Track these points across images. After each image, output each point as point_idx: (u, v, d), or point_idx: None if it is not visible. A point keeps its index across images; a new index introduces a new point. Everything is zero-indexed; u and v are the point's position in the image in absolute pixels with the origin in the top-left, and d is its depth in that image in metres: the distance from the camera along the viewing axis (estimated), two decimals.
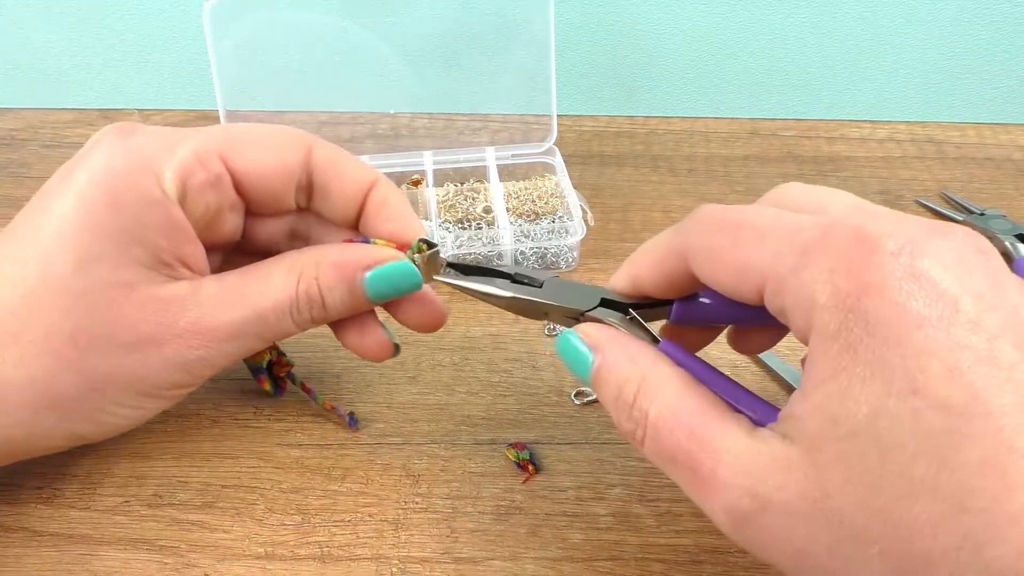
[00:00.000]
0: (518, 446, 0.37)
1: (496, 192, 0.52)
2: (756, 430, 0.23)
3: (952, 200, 0.56)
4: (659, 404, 0.25)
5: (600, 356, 0.28)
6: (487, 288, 0.32)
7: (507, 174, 0.55)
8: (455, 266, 0.33)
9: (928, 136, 0.64)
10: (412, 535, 0.34)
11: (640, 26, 0.63)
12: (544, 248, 0.48)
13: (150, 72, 0.65)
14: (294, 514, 0.35)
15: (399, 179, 0.54)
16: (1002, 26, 0.62)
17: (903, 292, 0.21)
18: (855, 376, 0.21)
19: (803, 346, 0.23)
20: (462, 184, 0.54)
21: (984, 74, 0.64)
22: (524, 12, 0.53)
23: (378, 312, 0.36)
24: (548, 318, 0.32)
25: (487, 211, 0.51)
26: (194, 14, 0.61)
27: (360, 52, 0.55)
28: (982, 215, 0.54)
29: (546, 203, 0.52)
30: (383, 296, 0.33)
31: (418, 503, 0.35)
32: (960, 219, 0.54)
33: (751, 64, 0.64)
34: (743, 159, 0.61)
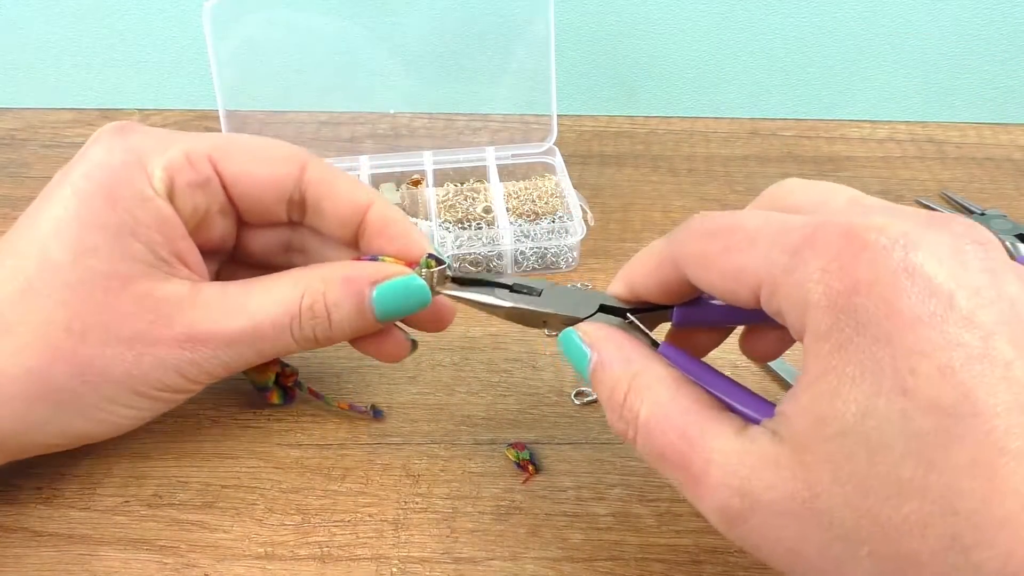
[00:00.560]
0: (518, 446, 0.37)
1: (496, 192, 0.52)
2: (746, 429, 0.23)
3: (952, 200, 0.56)
4: (650, 404, 0.25)
5: (596, 354, 0.28)
6: (487, 299, 0.32)
7: (507, 174, 0.55)
8: (454, 279, 0.34)
9: (928, 136, 0.64)
10: (412, 535, 0.34)
11: (640, 26, 0.63)
12: (544, 248, 0.48)
13: (150, 72, 0.65)
14: (294, 514, 0.35)
15: (399, 179, 0.54)
16: (1002, 26, 0.62)
17: (895, 289, 0.20)
18: (844, 376, 0.21)
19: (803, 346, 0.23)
20: (462, 184, 0.54)
21: (984, 74, 0.64)
22: (524, 12, 0.53)
23: None
24: (547, 326, 0.32)
25: (487, 211, 0.51)
26: (194, 14, 0.61)
27: (360, 52, 0.55)
28: (982, 215, 0.54)
29: (546, 203, 0.52)
30: (390, 314, 0.33)
31: (418, 503, 0.35)
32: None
33: (751, 64, 0.64)
34: (743, 159, 0.61)
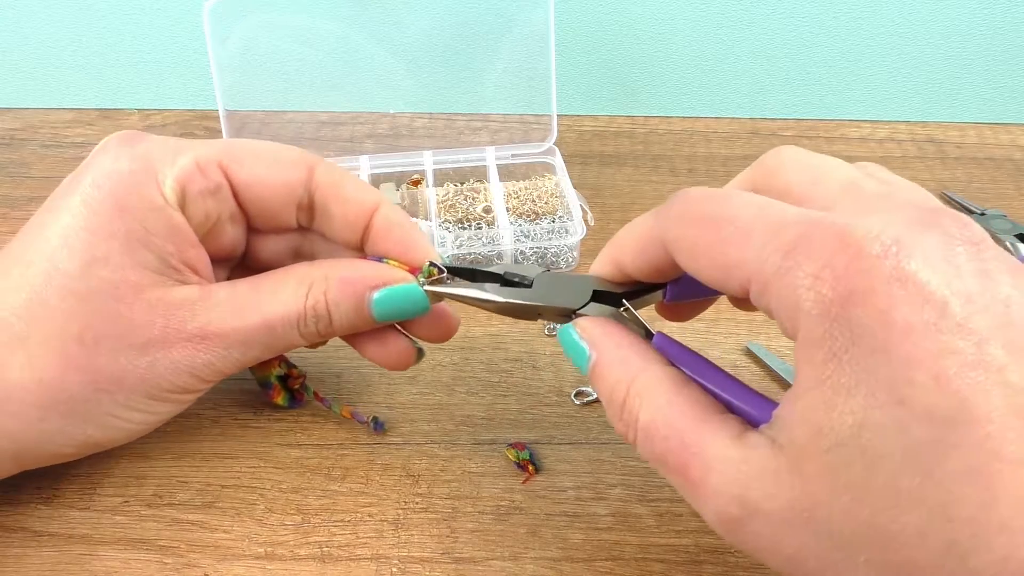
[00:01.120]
0: (518, 446, 0.37)
1: (496, 192, 0.52)
2: (746, 435, 0.23)
3: (952, 200, 0.56)
4: (649, 408, 0.25)
5: (595, 354, 0.28)
6: (478, 294, 0.32)
7: (507, 174, 0.55)
8: (448, 269, 0.33)
9: (928, 136, 0.64)
10: (412, 535, 0.34)
11: (640, 26, 0.63)
12: (544, 248, 0.48)
13: (150, 72, 0.65)
14: (294, 514, 0.35)
15: (399, 179, 0.54)
16: (1002, 26, 0.62)
17: (889, 298, 0.20)
18: (840, 386, 0.21)
19: None
20: (462, 184, 0.54)
21: (984, 74, 0.64)
22: (524, 12, 0.53)
23: None
24: (542, 318, 0.32)
25: (487, 211, 0.51)
26: (194, 14, 0.61)
27: (360, 52, 0.55)
28: (982, 215, 0.54)
29: (546, 203, 0.52)
30: (388, 318, 0.34)
31: (418, 503, 0.35)
32: None
33: (751, 64, 0.64)
34: (743, 159, 0.61)
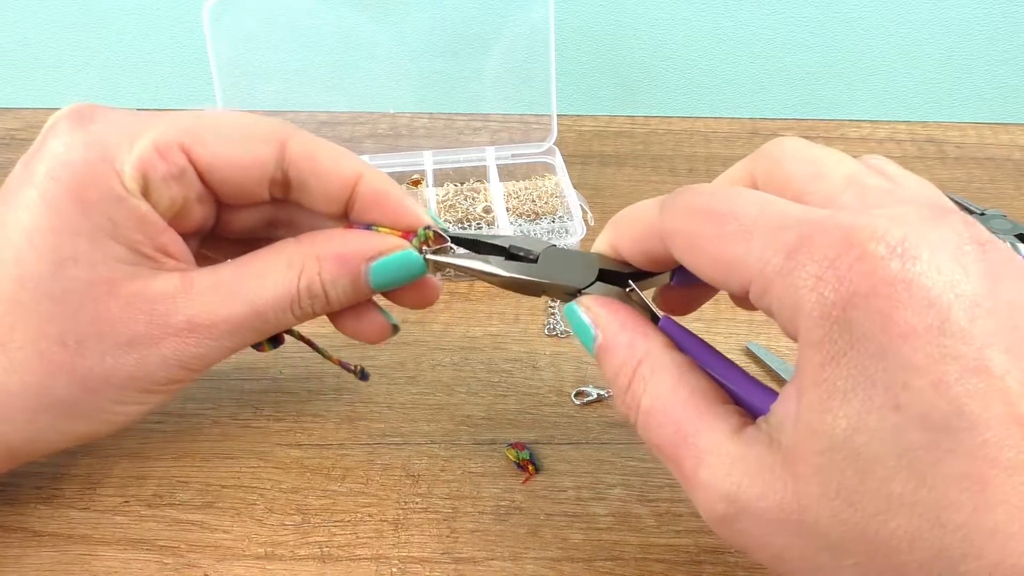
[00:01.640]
0: (518, 446, 0.37)
1: (496, 192, 0.52)
2: (743, 430, 0.23)
3: (952, 200, 0.56)
4: (651, 394, 0.25)
5: (601, 334, 0.27)
6: (482, 267, 0.31)
7: (507, 174, 0.55)
8: (448, 245, 0.32)
9: (928, 136, 0.64)
10: (412, 535, 0.34)
11: (640, 26, 0.63)
12: None
13: (150, 72, 0.65)
14: (294, 514, 0.35)
15: (399, 179, 0.54)
16: (1002, 26, 0.62)
17: (891, 301, 0.20)
18: (836, 389, 0.20)
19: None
20: (462, 184, 0.54)
21: (984, 74, 0.64)
22: (524, 12, 0.53)
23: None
24: (546, 295, 0.31)
25: (487, 211, 0.51)
26: (194, 14, 0.61)
27: (360, 52, 0.55)
28: (982, 215, 0.54)
29: (546, 203, 0.52)
30: (387, 286, 0.33)
31: (418, 503, 0.35)
32: None
33: (751, 64, 0.64)
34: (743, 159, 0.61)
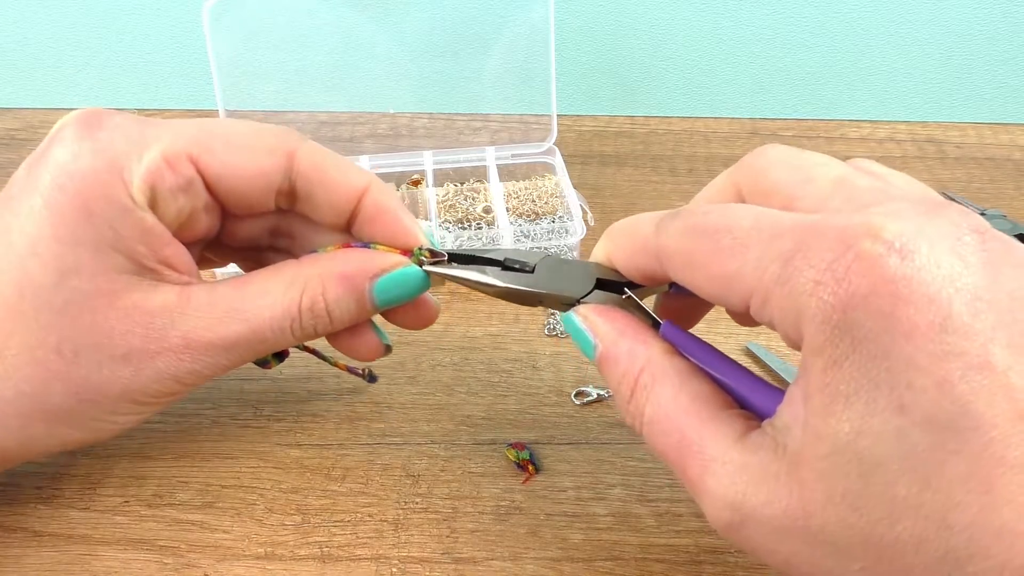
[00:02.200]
0: (518, 446, 0.37)
1: (496, 192, 0.52)
2: (748, 436, 0.23)
3: (952, 200, 0.56)
4: (653, 403, 0.25)
5: (601, 345, 0.27)
6: (479, 277, 0.31)
7: (507, 174, 0.55)
8: (445, 259, 0.32)
9: (928, 136, 0.64)
10: (412, 535, 0.34)
11: (640, 26, 0.63)
12: (544, 248, 0.48)
13: (150, 72, 0.65)
14: (294, 514, 0.35)
15: (399, 179, 0.54)
16: (1002, 26, 0.62)
17: (891, 300, 0.19)
18: (839, 393, 0.20)
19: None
20: (462, 184, 0.54)
21: (984, 74, 0.64)
22: (524, 12, 0.53)
23: None
24: (543, 305, 0.31)
25: (487, 211, 0.51)
26: (194, 14, 0.61)
27: (360, 52, 0.55)
28: (982, 215, 0.54)
29: (546, 203, 0.52)
30: (390, 303, 0.33)
31: (418, 503, 0.35)
32: None
33: (751, 64, 0.64)
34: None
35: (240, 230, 0.34)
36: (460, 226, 0.50)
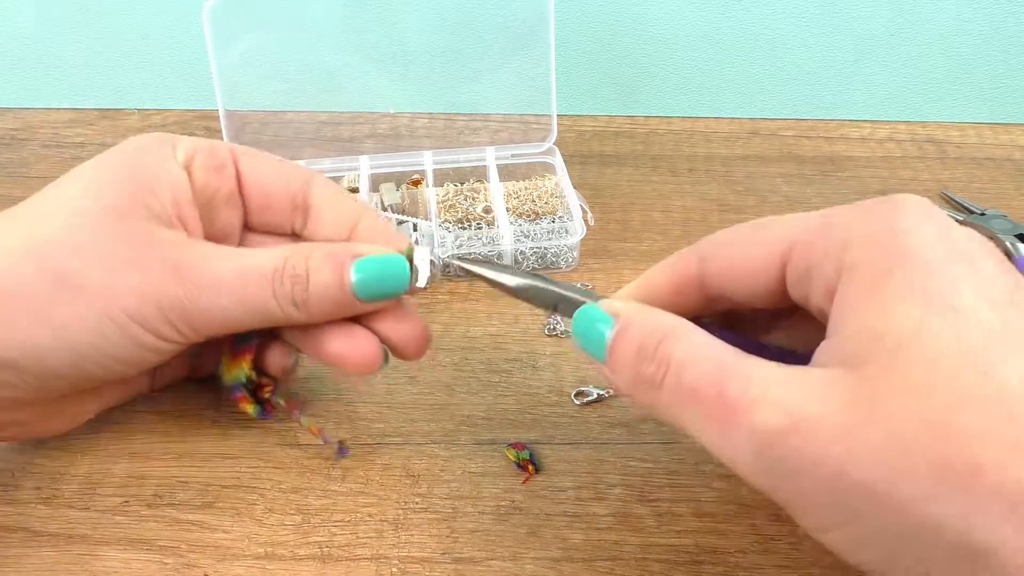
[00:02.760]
0: (518, 446, 0.37)
1: (496, 192, 0.52)
2: (788, 366, 0.23)
3: (952, 200, 0.56)
4: (686, 344, 0.25)
5: (622, 319, 0.27)
6: (500, 276, 0.32)
7: (507, 174, 0.55)
8: (465, 259, 0.34)
9: (928, 136, 0.64)
10: (412, 535, 0.34)
11: (640, 26, 0.63)
12: (544, 248, 0.48)
13: (150, 72, 0.65)
14: (294, 514, 0.35)
15: (399, 179, 0.54)
16: (1002, 26, 0.62)
17: (933, 233, 0.23)
18: (895, 295, 0.22)
19: None
20: (462, 184, 0.54)
21: (984, 74, 0.64)
22: (524, 12, 0.53)
23: None
24: (558, 310, 0.31)
25: (487, 211, 0.51)
26: (194, 14, 0.61)
27: (360, 52, 0.55)
28: (982, 215, 0.54)
29: (546, 203, 0.52)
30: (369, 287, 0.32)
31: (418, 503, 0.35)
32: (960, 219, 0.54)
33: (751, 64, 0.64)
34: (743, 159, 0.61)
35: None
36: (460, 226, 0.50)
